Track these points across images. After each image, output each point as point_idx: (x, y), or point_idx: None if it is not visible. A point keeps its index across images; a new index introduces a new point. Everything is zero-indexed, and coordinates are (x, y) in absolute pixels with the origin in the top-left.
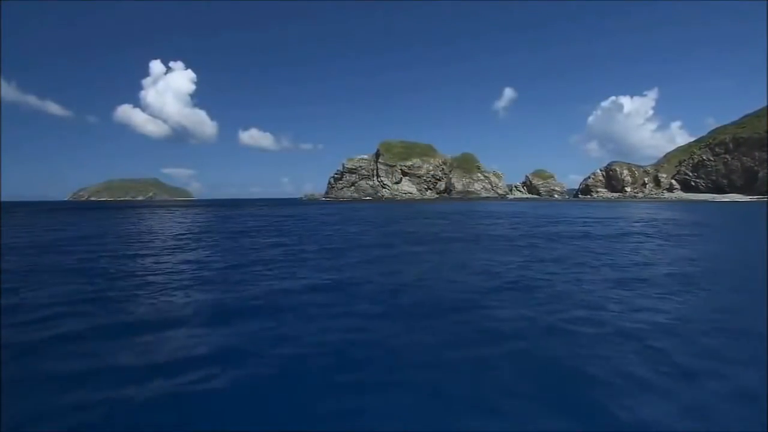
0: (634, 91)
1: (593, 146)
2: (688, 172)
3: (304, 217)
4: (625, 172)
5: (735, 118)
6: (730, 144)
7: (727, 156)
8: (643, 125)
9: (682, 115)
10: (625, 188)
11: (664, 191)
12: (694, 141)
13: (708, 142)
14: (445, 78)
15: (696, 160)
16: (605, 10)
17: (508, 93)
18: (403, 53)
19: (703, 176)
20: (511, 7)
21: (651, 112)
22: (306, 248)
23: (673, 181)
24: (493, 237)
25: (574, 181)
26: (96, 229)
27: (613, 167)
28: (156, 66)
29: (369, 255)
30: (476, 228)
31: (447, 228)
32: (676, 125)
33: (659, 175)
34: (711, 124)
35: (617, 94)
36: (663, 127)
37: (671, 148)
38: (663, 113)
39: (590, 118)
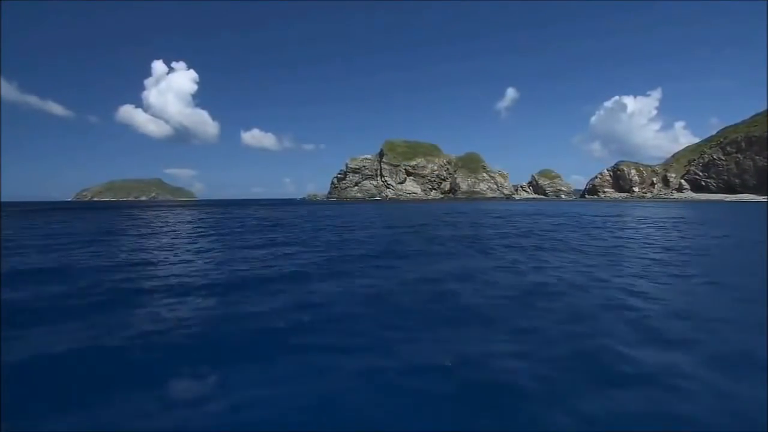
0: (638, 91)
1: (596, 146)
2: (698, 171)
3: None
4: (633, 171)
5: (739, 117)
6: (742, 143)
7: (739, 155)
8: (646, 125)
9: (686, 115)
10: (633, 188)
11: (674, 191)
12: (703, 140)
13: (719, 141)
14: (447, 78)
15: (706, 160)
16: (607, 9)
17: (511, 93)
18: (403, 53)
19: (714, 176)
20: (513, 7)
21: (654, 112)
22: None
23: (683, 181)
24: (596, 247)
25: (576, 181)
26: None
27: (621, 167)
28: (158, 66)
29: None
30: (548, 232)
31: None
32: (679, 125)
33: (668, 174)
34: (715, 123)
35: (620, 94)
36: (666, 127)
37: (675, 148)
38: (666, 113)
39: (593, 118)
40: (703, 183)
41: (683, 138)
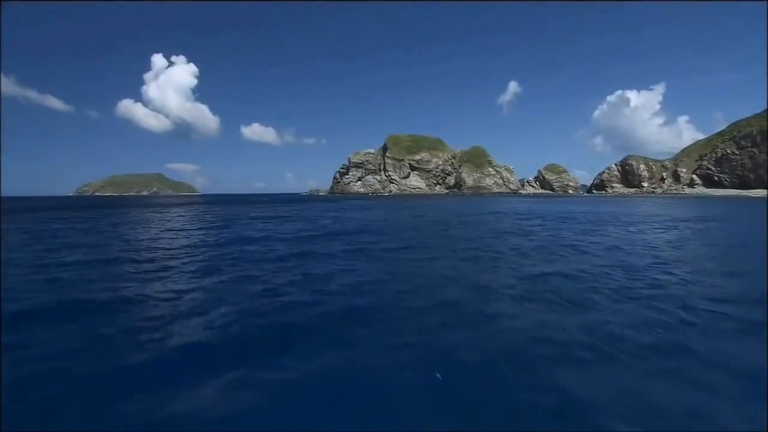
0: (641, 86)
1: (598, 141)
2: (710, 166)
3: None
4: (642, 166)
5: (744, 113)
6: (757, 137)
7: (754, 149)
8: (649, 119)
9: (690, 109)
10: (642, 183)
11: (684, 186)
12: (715, 134)
13: (732, 135)
14: (449, 75)
15: (719, 154)
16: (610, 7)
17: (513, 86)
18: (404, 51)
19: (727, 171)
20: (514, 4)
21: (658, 106)
22: None
23: (694, 176)
24: None
25: (579, 176)
26: None
27: (629, 161)
28: (158, 60)
29: None
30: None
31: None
32: (683, 120)
33: (678, 169)
34: (719, 118)
35: (623, 89)
36: (670, 121)
37: (678, 142)
38: (670, 108)
39: (596, 113)
40: (716, 178)
41: (687, 133)
